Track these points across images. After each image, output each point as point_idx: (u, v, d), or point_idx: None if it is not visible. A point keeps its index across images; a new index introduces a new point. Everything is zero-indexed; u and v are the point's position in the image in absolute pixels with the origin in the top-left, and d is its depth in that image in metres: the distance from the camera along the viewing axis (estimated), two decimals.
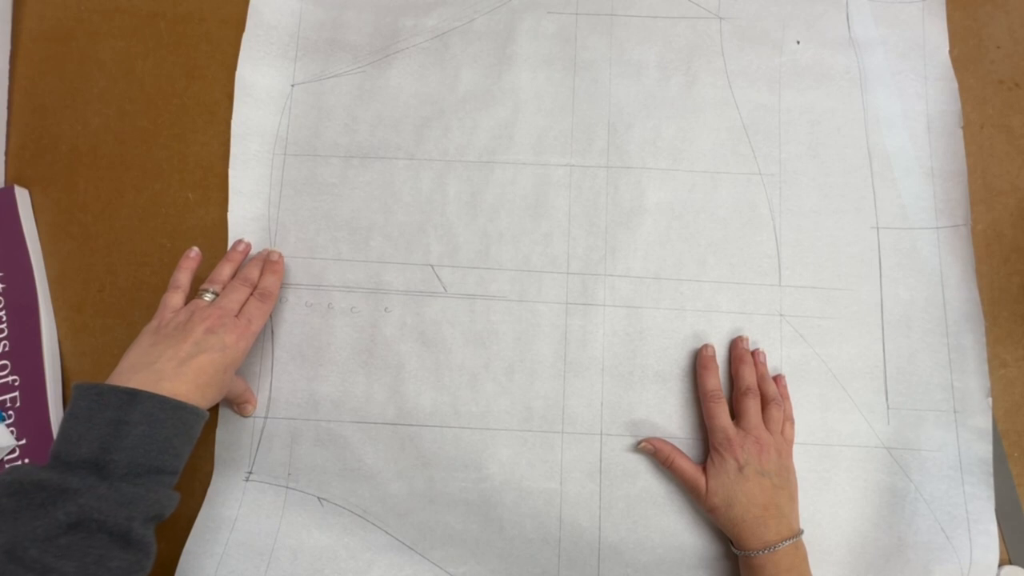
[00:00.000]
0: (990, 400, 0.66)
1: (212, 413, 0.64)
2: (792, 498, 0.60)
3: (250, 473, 0.64)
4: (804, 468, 0.64)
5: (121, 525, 0.46)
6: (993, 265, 0.69)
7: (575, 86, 0.71)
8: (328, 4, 0.73)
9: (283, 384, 0.66)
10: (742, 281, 0.68)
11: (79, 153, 0.70)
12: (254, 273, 0.64)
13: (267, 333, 0.66)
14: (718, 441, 0.61)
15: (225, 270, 0.63)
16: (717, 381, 0.64)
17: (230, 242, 0.68)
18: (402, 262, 0.68)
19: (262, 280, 0.64)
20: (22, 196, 0.69)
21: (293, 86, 0.71)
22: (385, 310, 0.67)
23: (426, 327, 0.66)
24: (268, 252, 0.66)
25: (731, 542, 0.60)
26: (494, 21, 0.72)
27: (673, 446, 0.63)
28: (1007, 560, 0.63)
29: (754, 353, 0.66)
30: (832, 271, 0.68)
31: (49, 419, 0.64)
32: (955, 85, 0.71)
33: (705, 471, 0.61)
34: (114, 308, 0.68)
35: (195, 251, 0.64)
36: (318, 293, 0.67)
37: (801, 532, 0.59)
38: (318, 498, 0.64)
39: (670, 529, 0.63)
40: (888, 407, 0.66)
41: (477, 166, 0.69)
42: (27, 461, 0.63)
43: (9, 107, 0.71)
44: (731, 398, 0.65)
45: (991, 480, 0.64)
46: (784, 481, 0.60)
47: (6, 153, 0.70)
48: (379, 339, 0.66)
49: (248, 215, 0.69)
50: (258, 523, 0.63)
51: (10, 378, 0.65)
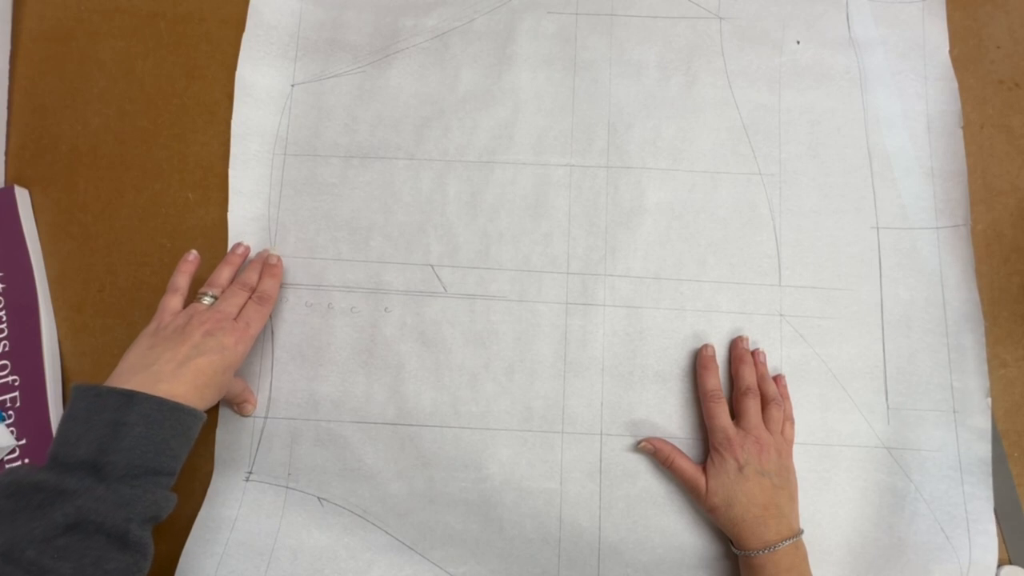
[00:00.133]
0: (990, 400, 0.65)
1: (212, 413, 0.64)
2: (792, 498, 0.60)
3: (250, 473, 0.64)
4: (804, 468, 0.64)
5: (119, 526, 0.46)
6: (993, 265, 0.69)
7: (575, 86, 0.71)
8: (328, 4, 0.73)
9: (283, 384, 0.66)
10: (742, 281, 0.67)
11: (79, 153, 0.70)
12: (253, 277, 0.64)
13: (267, 333, 0.66)
14: (718, 441, 0.61)
15: (224, 273, 0.63)
16: (717, 381, 0.64)
17: (230, 242, 0.68)
18: (402, 262, 0.68)
19: (261, 283, 0.64)
20: (22, 196, 0.69)
21: (293, 86, 0.71)
22: (385, 310, 0.67)
23: (426, 327, 0.66)
24: (267, 255, 0.67)
25: (731, 542, 0.60)
26: (494, 21, 0.72)
27: (673, 446, 0.63)
28: (1007, 560, 0.63)
29: (754, 353, 0.66)
30: (832, 271, 0.68)
31: (49, 419, 0.64)
32: (955, 85, 0.71)
33: (705, 471, 0.61)
34: (114, 308, 0.68)
35: (193, 254, 0.64)
36: (318, 293, 0.67)
37: (801, 532, 0.59)
38: (318, 498, 0.64)
39: (670, 529, 0.63)
40: (888, 407, 0.66)
41: (477, 166, 0.69)
42: (27, 461, 0.63)
43: (9, 107, 0.71)
44: (731, 398, 0.65)
45: (990, 480, 0.64)
46: (784, 481, 0.60)
47: (6, 153, 0.70)
48: (379, 339, 0.66)
49: (248, 215, 0.69)
50: (258, 523, 0.63)
51: (10, 378, 0.65)
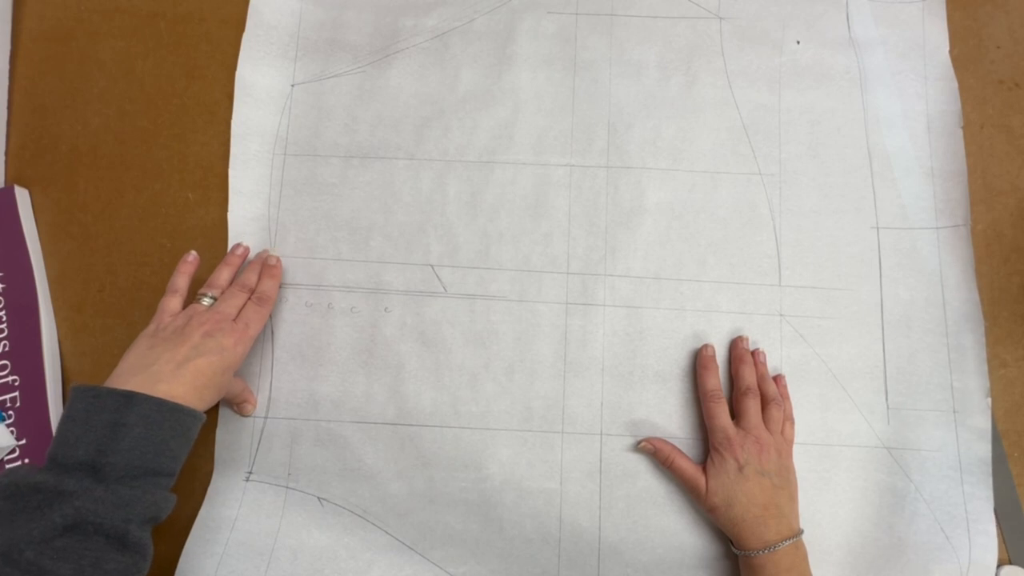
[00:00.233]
0: (990, 400, 0.65)
1: (212, 413, 0.64)
2: (792, 498, 0.60)
3: (250, 473, 0.64)
4: (804, 468, 0.64)
5: (118, 527, 0.46)
6: (993, 265, 0.69)
7: (575, 86, 0.71)
8: (328, 4, 0.73)
9: (283, 384, 0.66)
10: (742, 281, 0.67)
11: (79, 153, 0.70)
12: (252, 278, 0.64)
13: (267, 333, 0.66)
14: (718, 441, 0.61)
15: (223, 274, 0.63)
16: (717, 381, 0.64)
17: (230, 242, 0.68)
18: (402, 262, 0.68)
19: (260, 284, 0.64)
20: (22, 196, 0.69)
21: (293, 86, 0.71)
22: (385, 310, 0.67)
23: (426, 327, 0.66)
24: (266, 256, 0.66)
25: (731, 542, 0.60)
26: (494, 21, 0.72)
27: (673, 446, 0.63)
28: (1007, 560, 0.63)
29: (754, 353, 0.66)
30: (832, 271, 0.68)
31: (49, 419, 0.64)
32: (955, 85, 0.71)
33: (705, 471, 0.61)
34: (114, 308, 0.68)
35: (193, 255, 0.64)
36: (318, 293, 0.67)
37: (801, 532, 0.59)
38: (318, 498, 0.64)
39: (670, 529, 0.63)
40: (888, 407, 0.66)
41: (477, 166, 0.69)
42: (27, 461, 0.63)
43: (9, 107, 0.71)
44: (731, 398, 0.65)
45: (990, 480, 0.64)
46: (784, 481, 0.60)
47: (6, 153, 0.70)
48: (379, 339, 0.66)
49: (248, 215, 0.69)
50: (258, 523, 0.63)
51: (10, 378, 0.65)
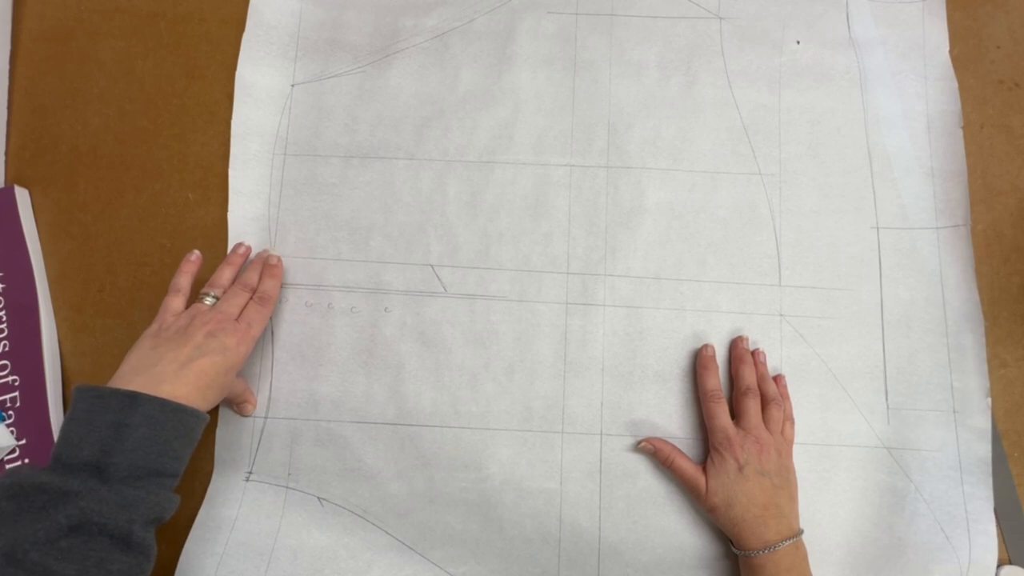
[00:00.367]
0: (990, 400, 0.66)
1: (212, 413, 0.64)
2: (792, 498, 0.61)
3: (250, 473, 0.64)
4: (804, 468, 0.64)
5: (122, 528, 0.46)
6: (993, 265, 0.69)
7: (575, 86, 0.71)
8: (328, 4, 0.73)
9: (283, 384, 0.66)
10: (742, 281, 0.68)
11: (79, 153, 0.70)
12: (253, 277, 0.64)
13: (267, 333, 0.66)
14: (718, 441, 0.61)
15: (225, 274, 0.63)
16: (717, 381, 0.64)
17: (230, 242, 0.68)
18: (402, 262, 0.68)
19: (261, 284, 0.64)
20: (22, 196, 0.69)
21: (293, 86, 0.71)
22: (385, 310, 0.67)
23: (426, 327, 0.66)
24: (267, 255, 0.66)
25: (731, 542, 0.60)
26: (494, 21, 0.72)
27: (673, 446, 0.63)
28: (1007, 560, 0.63)
29: (754, 353, 0.66)
30: (832, 271, 0.68)
31: (49, 419, 0.64)
32: (955, 85, 0.71)
33: (705, 471, 0.61)
34: (114, 308, 0.68)
35: (196, 254, 0.64)
36: (318, 293, 0.67)
37: (801, 532, 0.59)
38: (318, 498, 0.64)
39: (670, 529, 0.63)
40: (888, 407, 0.66)
41: (477, 166, 0.69)
42: (27, 461, 0.63)
43: (9, 107, 0.71)
44: (731, 398, 0.65)
45: (990, 480, 0.64)
46: (784, 481, 0.60)
47: (6, 153, 0.70)
48: (379, 339, 0.66)
49: (248, 215, 0.69)
50: (258, 523, 0.63)
51: (10, 378, 0.65)
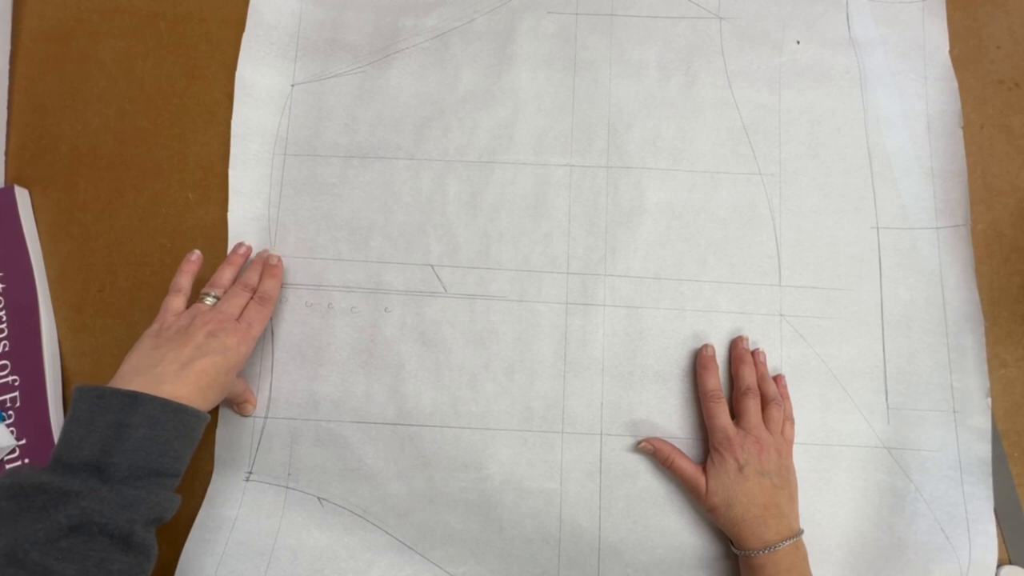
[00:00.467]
0: (990, 400, 0.66)
1: (212, 413, 0.64)
2: (792, 498, 0.61)
3: (250, 473, 0.64)
4: (804, 468, 0.64)
5: (122, 528, 0.46)
6: (993, 265, 0.69)
7: (575, 86, 0.71)
8: (328, 4, 0.73)
9: (283, 384, 0.66)
10: (742, 281, 0.68)
11: (79, 153, 0.70)
12: (254, 277, 0.64)
13: (267, 333, 0.66)
14: (718, 441, 0.61)
15: (226, 274, 0.63)
16: (717, 381, 0.64)
17: (230, 242, 0.68)
18: (402, 262, 0.68)
19: (261, 284, 0.64)
20: (22, 196, 0.69)
21: (293, 86, 0.71)
22: (385, 310, 0.67)
23: (426, 327, 0.66)
24: (267, 255, 0.66)
25: (731, 542, 0.60)
26: (494, 21, 0.72)
27: (673, 446, 0.63)
28: (1007, 560, 0.63)
29: (754, 353, 0.66)
30: (832, 271, 0.68)
31: (49, 419, 0.64)
32: (955, 85, 0.71)
33: (705, 471, 0.61)
34: (114, 308, 0.68)
35: (196, 254, 0.64)
36: (318, 293, 0.67)
37: (801, 532, 0.59)
38: (318, 498, 0.64)
39: (670, 529, 0.63)
40: (888, 407, 0.66)
41: (477, 166, 0.69)
42: (27, 461, 0.63)
43: (9, 107, 0.71)
44: (731, 398, 0.65)
45: (990, 480, 0.64)
46: (784, 481, 0.60)
47: (6, 153, 0.70)
48: (379, 339, 0.66)
49: (248, 215, 0.69)
50: (258, 523, 0.63)
51: (10, 378, 0.65)
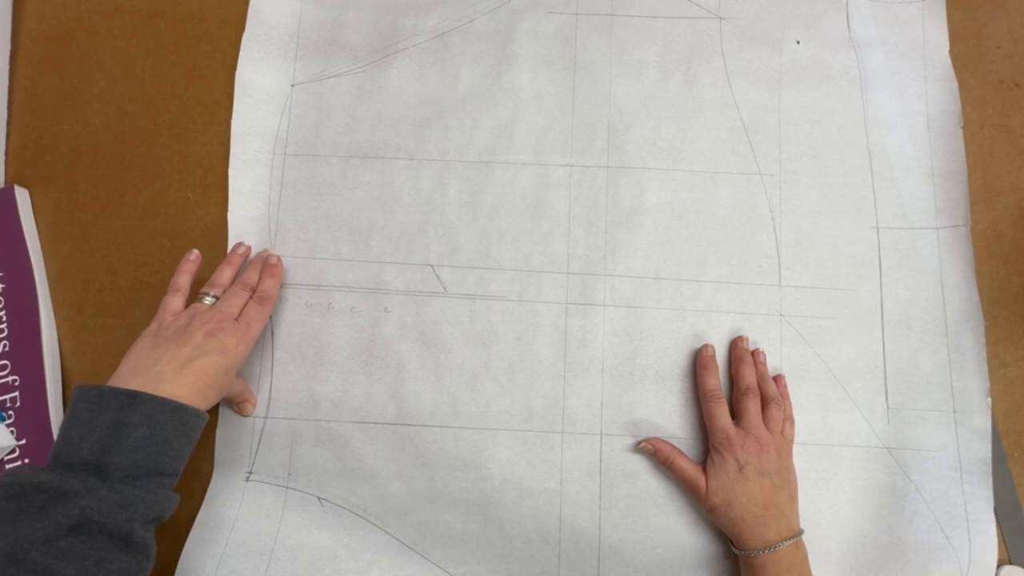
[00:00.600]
0: (990, 400, 0.66)
1: (212, 413, 0.64)
2: (792, 498, 0.61)
3: (250, 473, 0.64)
4: (804, 468, 0.64)
5: (122, 527, 0.46)
6: (993, 265, 0.69)
7: (575, 86, 0.71)
8: (328, 4, 0.73)
9: (283, 384, 0.66)
10: (742, 281, 0.68)
11: (79, 153, 0.70)
12: (253, 277, 0.64)
13: (267, 333, 0.66)
14: (718, 441, 0.61)
15: (225, 273, 0.63)
16: (717, 381, 0.64)
17: (230, 242, 0.68)
18: (402, 262, 0.68)
19: (261, 284, 0.64)
20: (22, 196, 0.69)
21: (293, 86, 0.71)
22: (385, 310, 0.67)
23: (426, 327, 0.66)
24: (267, 255, 0.66)
25: (731, 542, 0.60)
26: (494, 21, 0.72)
27: (673, 446, 0.63)
28: (1007, 560, 0.63)
29: (754, 353, 0.66)
30: (832, 271, 0.68)
31: (49, 419, 0.64)
32: (955, 85, 0.71)
33: (705, 471, 0.61)
34: (114, 308, 0.68)
35: (195, 254, 0.64)
36: (318, 293, 0.67)
37: (801, 532, 0.59)
38: (318, 498, 0.64)
39: (670, 529, 0.63)
40: (888, 407, 0.66)
41: (477, 166, 0.69)
42: (27, 461, 0.63)
43: (9, 107, 0.71)
44: (731, 398, 0.65)
45: (990, 480, 0.64)
46: (784, 481, 0.60)
47: (6, 153, 0.70)
48: (379, 339, 0.66)
49: (248, 215, 0.69)
50: (258, 523, 0.63)
51: (10, 378, 0.65)
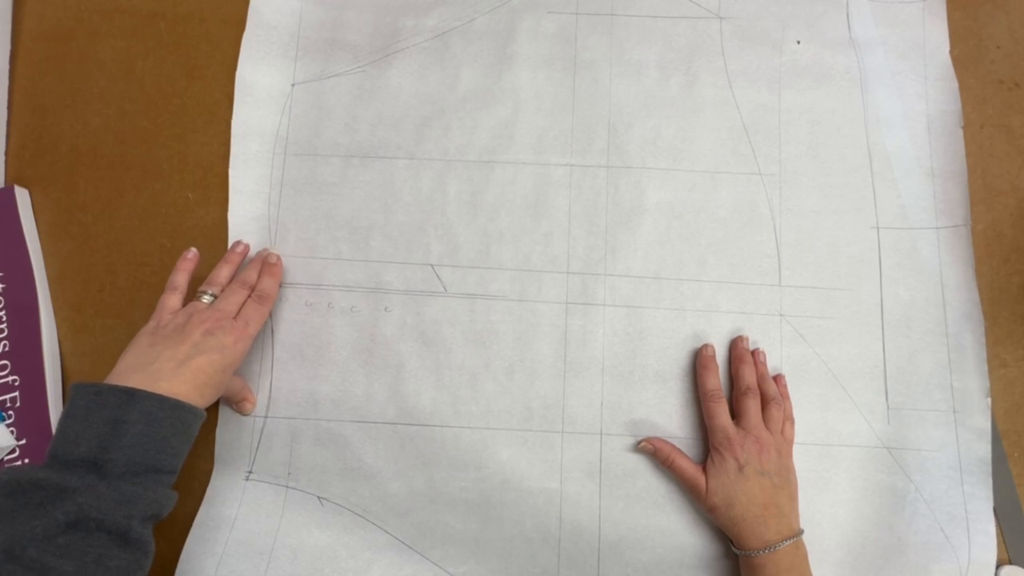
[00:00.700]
0: (989, 400, 0.65)
1: (212, 412, 0.64)
2: (792, 497, 0.60)
3: (250, 472, 0.64)
4: (804, 468, 0.63)
5: (120, 524, 0.46)
6: (993, 265, 0.69)
7: (575, 86, 0.71)
8: (328, 4, 0.73)
9: (283, 383, 0.66)
10: (742, 281, 0.67)
11: (79, 153, 0.70)
12: (252, 275, 0.64)
13: (267, 332, 0.66)
14: (718, 441, 0.61)
15: (223, 272, 0.63)
16: (717, 381, 0.64)
17: (230, 242, 0.68)
18: (402, 262, 0.68)
19: (260, 282, 0.63)
20: (22, 196, 0.69)
21: (293, 86, 0.71)
22: (385, 310, 0.67)
23: (426, 327, 0.66)
24: (266, 254, 0.66)
25: (731, 542, 0.60)
26: (494, 21, 0.72)
27: (673, 446, 0.63)
28: (1006, 560, 0.63)
29: (754, 353, 0.66)
30: (832, 271, 0.68)
31: (49, 419, 0.64)
32: (955, 85, 0.71)
33: (705, 471, 0.61)
34: (114, 308, 0.68)
35: (193, 252, 0.64)
36: (318, 292, 0.67)
37: (801, 532, 0.59)
38: (318, 497, 0.64)
39: (670, 529, 0.63)
40: (888, 407, 0.66)
41: (477, 166, 0.69)
42: (27, 461, 0.63)
43: (9, 107, 0.71)
44: (731, 398, 0.65)
45: (990, 480, 0.64)
46: (784, 481, 0.60)
47: (6, 153, 0.70)
48: (379, 339, 0.66)
49: (248, 215, 0.69)
50: (258, 522, 0.63)
51: (10, 378, 0.65)
